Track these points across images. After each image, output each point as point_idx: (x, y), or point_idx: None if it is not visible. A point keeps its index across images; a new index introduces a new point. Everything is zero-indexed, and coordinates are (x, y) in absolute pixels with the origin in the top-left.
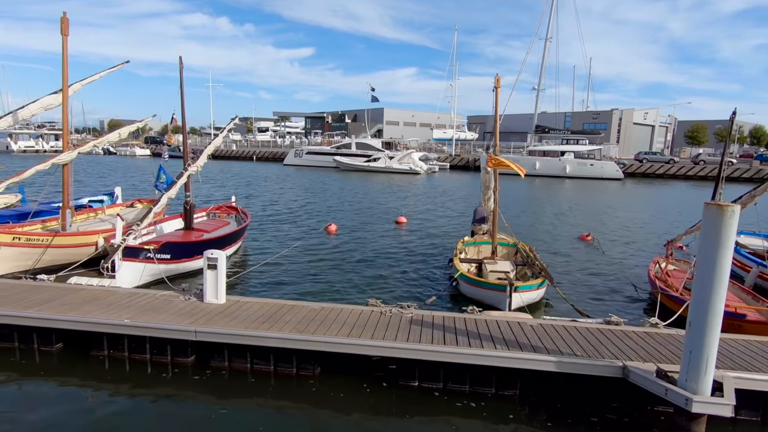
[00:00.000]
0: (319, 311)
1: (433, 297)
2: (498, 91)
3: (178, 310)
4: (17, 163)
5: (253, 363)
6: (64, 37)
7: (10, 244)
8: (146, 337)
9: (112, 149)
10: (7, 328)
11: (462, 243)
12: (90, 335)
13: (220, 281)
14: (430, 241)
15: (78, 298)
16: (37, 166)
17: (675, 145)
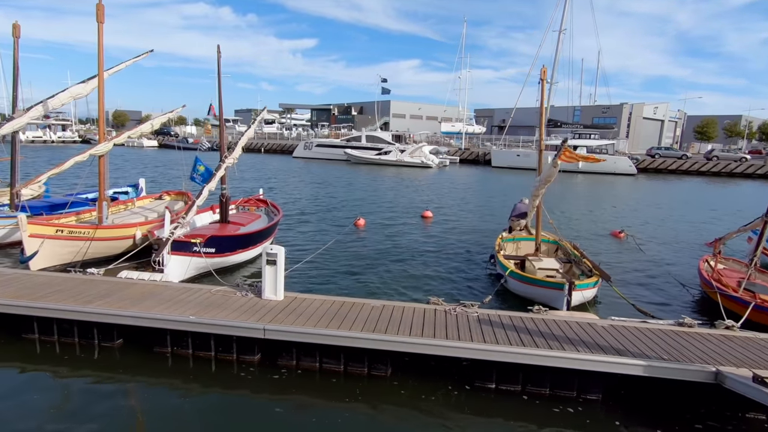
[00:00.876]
0: (381, 309)
1: (489, 296)
2: (543, 83)
3: (239, 306)
4: (26, 153)
5: (323, 362)
6: (100, 24)
7: (53, 236)
8: (211, 335)
9: None
10: (67, 323)
11: (501, 239)
12: (153, 331)
13: (279, 277)
14: (460, 236)
15: (135, 293)
16: (76, 157)
17: (684, 140)
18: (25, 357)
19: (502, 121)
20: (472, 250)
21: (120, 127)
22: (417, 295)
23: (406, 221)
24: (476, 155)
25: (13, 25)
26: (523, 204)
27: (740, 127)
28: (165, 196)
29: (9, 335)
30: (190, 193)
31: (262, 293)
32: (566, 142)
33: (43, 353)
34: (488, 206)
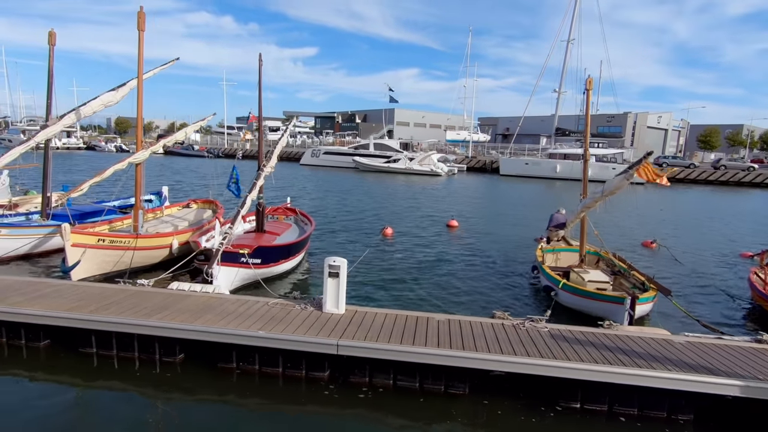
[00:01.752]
0: (448, 324)
1: (548, 311)
2: (589, 93)
3: (302, 320)
4: (29, 159)
5: (397, 379)
6: (140, 32)
7: (95, 246)
8: (280, 350)
9: (125, 147)
10: (127, 337)
11: (540, 249)
12: (218, 346)
13: (342, 290)
14: (489, 246)
15: (191, 305)
16: (116, 166)
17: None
18: (83, 372)
19: (506, 130)
20: (506, 260)
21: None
22: (462, 308)
23: (432, 230)
24: (483, 163)
25: (49, 33)
26: (561, 214)
27: (742, 137)
28: (192, 204)
29: (66, 349)
30: (218, 201)
31: (323, 306)
32: (649, 155)
33: (101, 368)
34: (511, 215)
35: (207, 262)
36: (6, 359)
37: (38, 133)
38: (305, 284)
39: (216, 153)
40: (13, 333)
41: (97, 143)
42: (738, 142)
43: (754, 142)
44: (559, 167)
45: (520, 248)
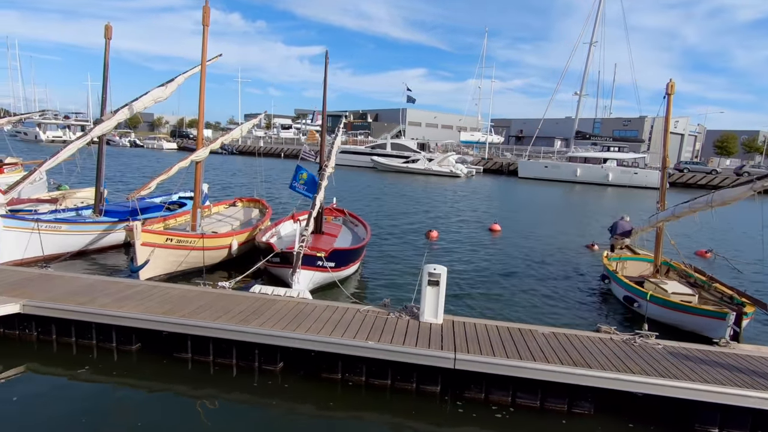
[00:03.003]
0: (552, 337)
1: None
2: (670, 97)
3: (402, 330)
4: (47, 152)
5: (516, 396)
6: (205, 27)
7: (163, 245)
8: (390, 362)
9: (139, 142)
10: (225, 343)
11: (607, 258)
12: (322, 356)
13: (441, 299)
14: (539, 252)
15: (283, 311)
16: (180, 164)
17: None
18: (177, 377)
19: (520, 132)
20: (561, 267)
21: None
22: (532, 317)
23: (475, 234)
24: (500, 165)
25: (106, 26)
26: (626, 222)
27: (758, 143)
28: (238, 202)
29: (159, 353)
30: (264, 200)
31: (420, 315)
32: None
33: (197, 374)
34: (546, 219)
35: (281, 265)
36: (96, 362)
37: (94, 128)
38: (365, 288)
39: (230, 150)
40: (104, 335)
41: (111, 137)
42: (754, 149)
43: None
44: (579, 171)
45: (569, 255)
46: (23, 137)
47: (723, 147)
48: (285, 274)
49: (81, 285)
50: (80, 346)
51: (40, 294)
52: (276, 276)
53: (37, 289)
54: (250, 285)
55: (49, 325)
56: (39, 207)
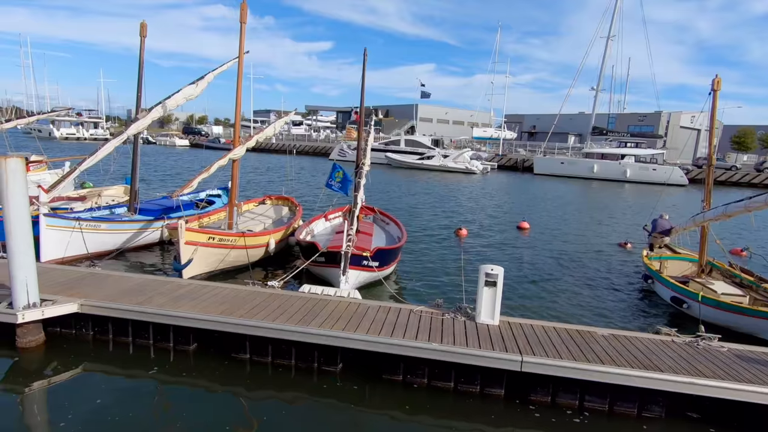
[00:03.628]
0: (612, 339)
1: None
2: (716, 94)
3: (459, 331)
4: (64, 149)
5: (585, 400)
6: (242, 24)
7: (206, 244)
8: (453, 364)
9: (151, 139)
10: (285, 344)
11: (647, 257)
12: (381, 357)
13: (498, 300)
14: (572, 250)
15: (338, 312)
16: (219, 162)
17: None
18: (236, 378)
19: (533, 127)
20: (597, 266)
21: None
22: (575, 318)
23: (504, 232)
24: (515, 162)
25: (141, 24)
26: (665, 220)
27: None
28: (267, 200)
29: (216, 353)
30: (293, 198)
31: (476, 317)
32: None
33: (255, 375)
34: (570, 217)
35: (326, 264)
36: (153, 361)
37: (130, 126)
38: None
39: None
40: (162, 335)
41: None
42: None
43: None
44: (596, 167)
45: (603, 253)
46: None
47: (740, 142)
48: (329, 274)
49: (132, 284)
50: (137, 346)
51: (93, 293)
52: (317, 275)
53: (90, 289)
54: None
55: (106, 325)
56: (72, 205)
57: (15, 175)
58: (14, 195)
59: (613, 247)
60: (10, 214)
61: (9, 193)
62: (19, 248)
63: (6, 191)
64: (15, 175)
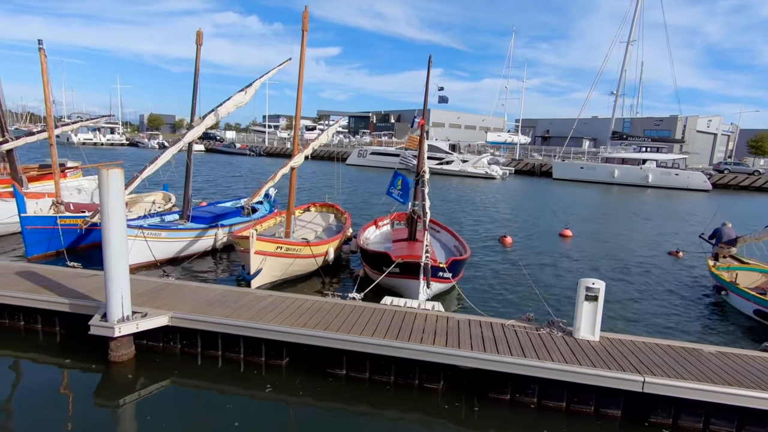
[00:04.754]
0: (719, 356)
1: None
2: None
3: (562, 347)
4: (85, 154)
5: (710, 423)
6: (304, 32)
7: (273, 254)
8: (567, 383)
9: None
10: (384, 360)
11: (714, 268)
12: (487, 375)
13: (599, 315)
14: (618, 258)
15: (429, 325)
16: (282, 170)
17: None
18: (332, 394)
19: (546, 132)
20: (657, 276)
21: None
22: (658, 333)
23: (546, 240)
24: (532, 166)
25: (197, 32)
26: (729, 228)
27: None
28: (311, 207)
29: (312, 368)
30: (338, 205)
31: (575, 332)
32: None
33: (351, 391)
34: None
35: (402, 275)
36: (244, 376)
37: (186, 134)
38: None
39: (258, 151)
40: (253, 349)
41: (140, 140)
42: None
43: None
44: (617, 172)
45: (655, 262)
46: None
47: (758, 146)
48: (403, 285)
49: (212, 295)
50: (226, 359)
51: (177, 305)
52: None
53: (172, 300)
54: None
55: (195, 338)
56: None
57: (115, 186)
58: (114, 205)
59: (663, 256)
60: (110, 224)
61: (110, 203)
62: (116, 259)
63: (107, 202)
64: (115, 186)
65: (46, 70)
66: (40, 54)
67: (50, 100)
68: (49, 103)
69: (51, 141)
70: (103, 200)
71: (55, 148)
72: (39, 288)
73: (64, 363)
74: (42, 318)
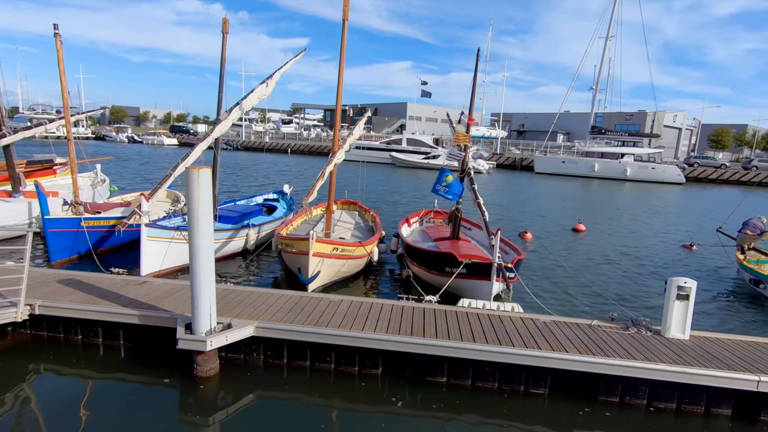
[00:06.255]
0: None
1: None
2: None
3: (658, 347)
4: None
5: None
6: (344, 21)
7: (330, 255)
8: (678, 384)
9: (137, 137)
10: (489, 366)
11: (745, 261)
12: (595, 378)
13: (690, 314)
14: (638, 252)
15: (519, 329)
16: (328, 168)
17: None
18: (431, 402)
19: (522, 126)
20: (683, 270)
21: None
22: (711, 327)
23: (561, 235)
24: (513, 160)
25: (223, 20)
26: (759, 222)
27: (747, 137)
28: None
29: (407, 377)
30: (361, 203)
31: (665, 331)
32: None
33: (452, 397)
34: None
35: (468, 276)
36: (335, 386)
37: (215, 129)
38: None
39: (235, 145)
40: (345, 359)
41: (107, 133)
42: (744, 142)
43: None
44: (597, 166)
45: (675, 255)
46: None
47: (718, 141)
48: (468, 285)
49: (283, 301)
50: (315, 370)
51: (253, 313)
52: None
53: (245, 308)
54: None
55: (281, 348)
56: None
57: (206, 187)
58: (204, 208)
59: (678, 248)
60: (199, 228)
61: (200, 205)
62: (204, 266)
63: (197, 204)
64: (206, 187)
65: (62, 59)
66: (56, 40)
67: (66, 91)
68: (65, 95)
69: (69, 137)
70: (192, 202)
71: (72, 144)
72: (93, 298)
73: (136, 379)
74: (103, 331)
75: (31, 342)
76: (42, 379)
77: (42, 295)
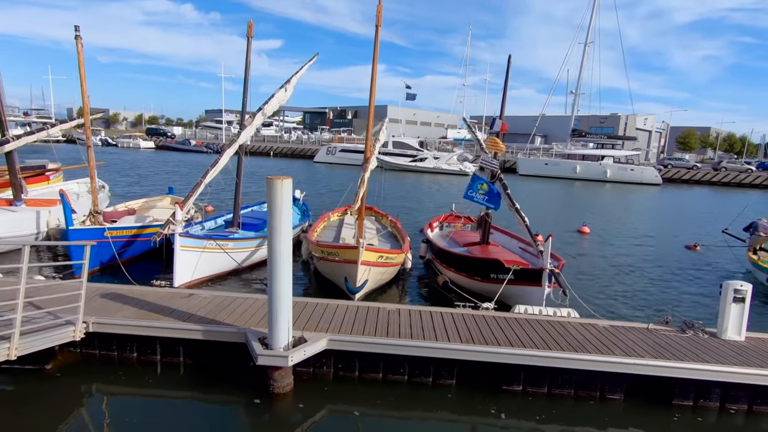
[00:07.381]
0: None
1: None
2: None
3: (720, 350)
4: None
5: None
6: (377, 27)
7: (376, 263)
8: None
9: (111, 140)
10: (566, 373)
11: (760, 261)
12: (673, 383)
13: (746, 316)
14: (651, 254)
15: (585, 334)
16: (365, 174)
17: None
18: (507, 410)
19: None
20: (692, 270)
21: None
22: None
23: (567, 237)
24: None
25: (249, 24)
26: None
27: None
28: (348, 210)
29: (480, 386)
30: (376, 208)
31: (721, 333)
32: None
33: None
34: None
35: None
36: (409, 397)
37: (240, 134)
38: None
39: (215, 148)
40: (420, 369)
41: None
42: (708, 144)
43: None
44: (579, 168)
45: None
46: None
47: (685, 143)
48: (517, 292)
49: (341, 312)
50: (388, 382)
51: (322, 326)
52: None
53: (308, 321)
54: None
55: (353, 361)
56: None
57: (288, 197)
58: (285, 219)
59: (682, 249)
60: (280, 239)
61: (282, 216)
62: (284, 278)
63: (279, 215)
64: (288, 197)
65: (83, 61)
66: (77, 43)
67: (87, 94)
68: (85, 99)
69: (88, 143)
70: (274, 213)
71: (92, 150)
72: (146, 313)
73: (201, 397)
74: (161, 348)
75: (81, 361)
76: (95, 400)
77: (90, 312)
